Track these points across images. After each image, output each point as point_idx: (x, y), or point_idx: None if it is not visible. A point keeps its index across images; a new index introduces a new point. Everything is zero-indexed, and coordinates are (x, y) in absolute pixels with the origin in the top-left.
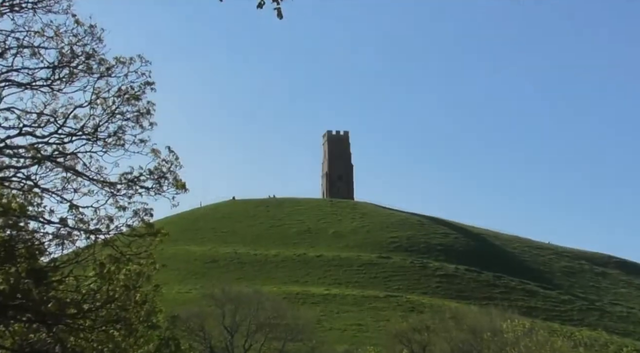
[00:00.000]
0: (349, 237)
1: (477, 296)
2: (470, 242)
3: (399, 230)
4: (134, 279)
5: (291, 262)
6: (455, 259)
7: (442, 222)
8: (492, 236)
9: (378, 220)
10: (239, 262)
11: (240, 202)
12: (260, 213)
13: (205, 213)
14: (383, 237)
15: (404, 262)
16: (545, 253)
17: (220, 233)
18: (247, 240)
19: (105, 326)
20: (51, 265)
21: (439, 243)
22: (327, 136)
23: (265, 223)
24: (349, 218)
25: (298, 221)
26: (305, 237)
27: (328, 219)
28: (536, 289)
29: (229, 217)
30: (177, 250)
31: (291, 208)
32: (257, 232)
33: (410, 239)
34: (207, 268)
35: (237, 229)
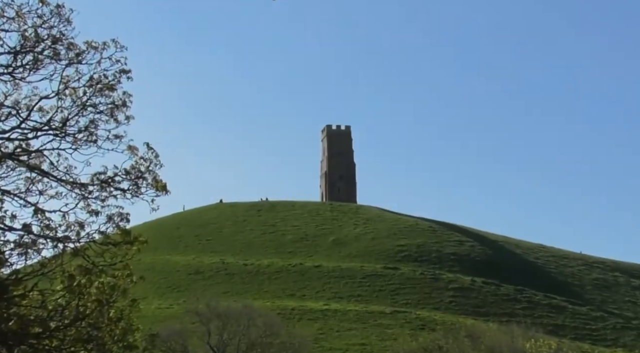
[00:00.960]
0: (351, 245)
1: (496, 312)
2: (488, 250)
3: (408, 237)
4: (108, 293)
5: (286, 273)
6: (471, 270)
7: (456, 228)
8: (512, 244)
9: (384, 226)
10: (226, 273)
11: (228, 206)
12: (251, 218)
13: (189, 219)
14: (390, 245)
15: (413, 273)
16: (574, 263)
17: (206, 241)
18: (236, 249)
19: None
20: (13, 277)
21: (452, 252)
22: (326, 131)
23: (257, 229)
24: (351, 224)
25: (294, 227)
26: (301, 245)
27: (327, 225)
28: (564, 304)
29: (215, 223)
30: (157, 260)
31: (286, 213)
32: (248, 240)
33: (420, 248)
34: (191, 281)
35: (225, 236)
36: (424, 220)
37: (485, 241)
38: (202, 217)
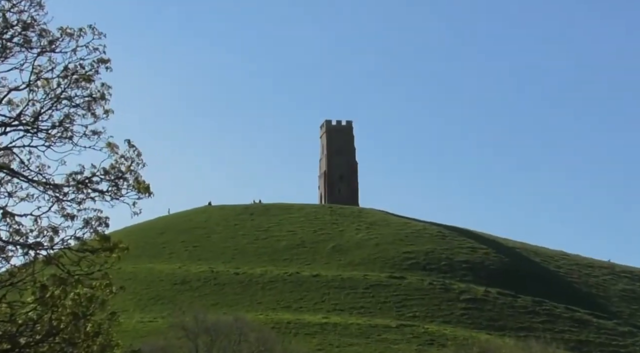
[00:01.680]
0: (352, 252)
1: (512, 326)
2: (503, 258)
3: (415, 243)
4: (85, 306)
5: (281, 283)
6: (485, 280)
7: (468, 233)
8: (531, 251)
9: (389, 231)
10: (216, 283)
11: (217, 209)
12: (242, 222)
13: (175, 223)
14: (395, 252)
15: (421, 283)
16: (600, 272)
17: (193, 248)
18: (226, 256)
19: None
20: None
21: (464, 260)
22: (325, 127)
23: (249, 234)
24: (352, 229)
25: (289, 232)
26: (298, 252)
27: (327, 230)
28: (587, 318)
29: (203, 228)
30: (139, 268)
31: (281, 217)
32: (239, 246)
33: (428, 255)
34: (177, 291)
35: (214, 242)
36: (432, 225)
37: (500, 248)
38: (189, 222)
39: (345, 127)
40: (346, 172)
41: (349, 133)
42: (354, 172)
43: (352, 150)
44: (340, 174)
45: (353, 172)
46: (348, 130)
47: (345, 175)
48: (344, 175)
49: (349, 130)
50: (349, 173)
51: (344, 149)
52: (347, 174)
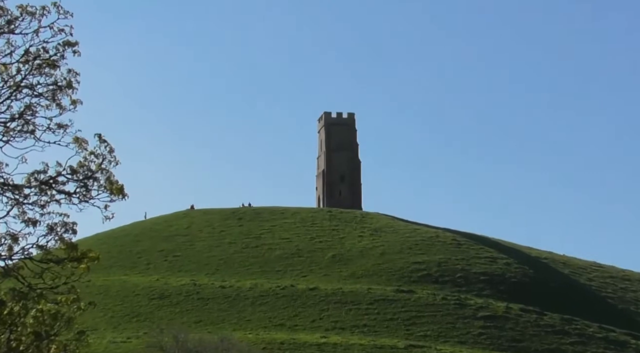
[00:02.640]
0: (355, 262)
1: (537, 347)
2: (527, 270)
3: (426, 252)
4: (48, 324)
5: (273, 297)
6: (506, 294)
7: (486, 241)
8: (559, 262)
9: (396, 239)
10: (199, 297)
11: (201, 213)
12: (229, 228)
13: (152, 229)
14: (403, 262)
15: (433, 298)
16: (638, 287)
17: (173, 258)
18: (210, 267)
19: None
20: None
21: (482, 271)
22: (324, 120)
23: (237, 242)
24: (354, 236)
25: (283, 240)
26: (293, 262)
27: (325, 237)
28: (624, 338)
29: (185, 235)
30: (111, 281)
31: (273, 222)
32: (225, 256)
33: (441, 266)
34: (154, 307)
35: (197, 251)
36: (446, 232)
37: (523, 258)
38: (169, 228)
39: (346, 120)
40: (347, 171)
41: (350, 127)
42: (356, 171)
43: (355, 147)
44: (341, 174)
45: (355, 172)
46: (350, 124)
47: (346, 174)
48: (345, 174)
49: (350, 124)
50: (351, 172)
51: (345, 145)
52: (349, 174)
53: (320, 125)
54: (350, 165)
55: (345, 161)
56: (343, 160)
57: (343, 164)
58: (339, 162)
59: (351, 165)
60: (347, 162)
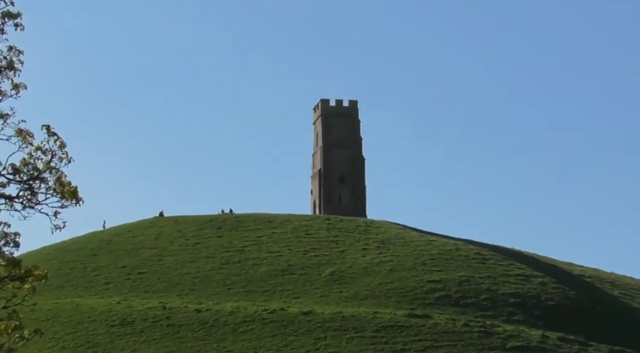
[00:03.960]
0: (358, 280)
1: None
2: (567, 291)
3: (444, 269)
4: None
5: (259, 323)
6: (541, 320)
7: (517, 255)
8: (607, 281)
9: (408, 252)
10: (169, 324)
11: (172, 222)
12: (206, 240)
13: (113, 242)
14: (416, 280)
15: (452, 324)
16: None
17: (138, 276)
18: (183, 287)
19: None
20: None
21: (512, 292)
22: (320, 109)
23: (216, 257)
24: (357, 249)
25: (271, 254)
26: (283, 280)
27: (322, 250)
28: None
29: (152, 247)
30: (62, 304)
31: (260, 232)
32: (201, 273)
33: (463, 285)
34: (114, 336)
35: (167, 268)
36: (468, 244)
37: (563, 276)
38: (133, 239)
39: (347, 109)
40: (349, 171)
41: (353, 117)
42: (359, 171)
43: (358, 142)
44: (341, 174)
45: (358, 172)
46: (352, 114)
47: (347, 175)
48: (346, 175)
49: (353, 114)
50: (353, 172)
51: (346, 140)
52: (350, 174)
53: (316, 116)
54: (352, 163)
55: (346, 159)
56: (343, 158)
57: (343, 162)
58: (338, 159)
59: (353, 163)
60: (348, 160)
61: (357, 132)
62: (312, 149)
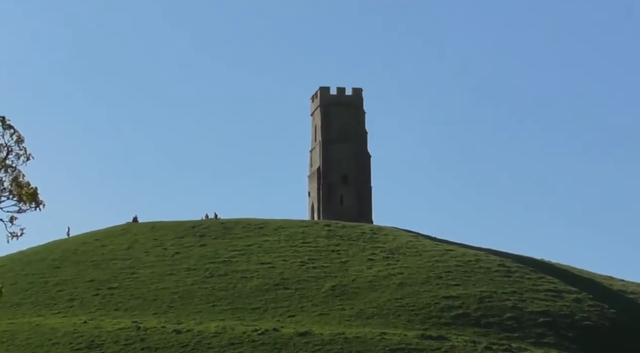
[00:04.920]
0: (363, 296)
1: None
2: (606, 309)
3: (463, 283)
4: None
5: (249, 346)
6: (576, 343)
7: (548, 267)
8: None
9: (420, 264)
10: (144, 347)
11: (147, 229)
12: (187, 249)
13: (79, 252)
14: (431, 296)
15: (472, 347)
16: None
17: (108, 291)
18: (161, 304)
19: None
20: None
21: (542, 310)
22: (319, 98)
23: (197, 269)
24: (362, 259)
25: (262, 265)
26: (277, 296)
27: (322, 261)
28: None
29: (124, 258)
30: (20, 324)
31: (249, 241)
32: (182, 288)
33: (484, 302)
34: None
35: (141, 282)
36: (489, 254)
37: (601, 292)
38: (102, 249)
39: (351, 98)
40: (352, 169)
41: (357, 108)
42: (364, 169)
43: (363, 135)
44: (343, 173)
45: (363, 170)
46: (356, 104)
47: (350, 174)
48: (349, 174)
49: (357, 104)
50: (357, 171)
51: (350, 134)
52: (354, 173)
53: (314, 106)
54: (356, 160)
55: (349, 155)
56: (346, 154)
57: (346, 159)
58: (340, 156)
59: (357, 161)
60: (351, 157)
61: (361, 125)
62: (309, 144)
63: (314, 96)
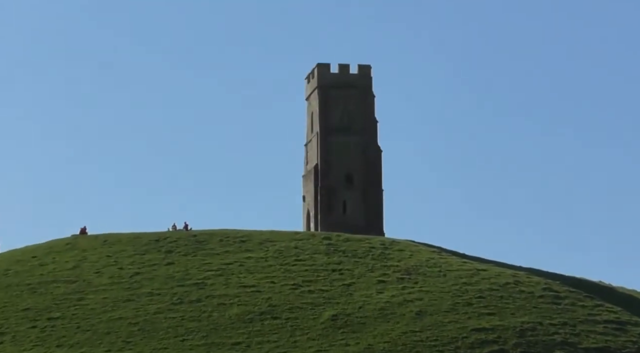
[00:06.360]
0: (371, 327)
1: None
2: None
3: (498, 311)
4: None
5: None
6: None
7: (606, 292)
8: None
9: (444, 287)
10: None
11: (99, 243)
12: (150, 269)
13: (11, 273)
14: (457, 329)
15: None
16: None
17: (48, 322)
18: (115, 339)
19: None
20: None
21: (601, 346)
22: (317, 77)
23: (164, 293)
24: (371, 281)
25: (245, 289)
26: (263, 328)
27: (320, 284)
28: None
29: (70, 281)
30: None
31: (228, 257)
32: (143, 317)
33: (525, 336)
34: None
35: (91, 310)
36: (532, 274)
37: None
38: (41, 269)
39: (356, 78)
40: (359, 167)
41: (364, 90)
42: (373, 167)
43: (372, 125)
44: (347, 172)
45: (372, 169)
46: (363, 85)
47: (356, 174)
48: (355, 174)
49: (364, 85)
50: (365, 170)
51: (355, 123)
52: (361, 172)
53: (310, 88)
54: (363, 156)
55: (354, 150)
56: (350, 149)
57: (350, 155)
58: (343, 151)
59: (365, 157)
60: (357, 152)
61: (370, 112)
62: (304, 136)
63: (310, 75)
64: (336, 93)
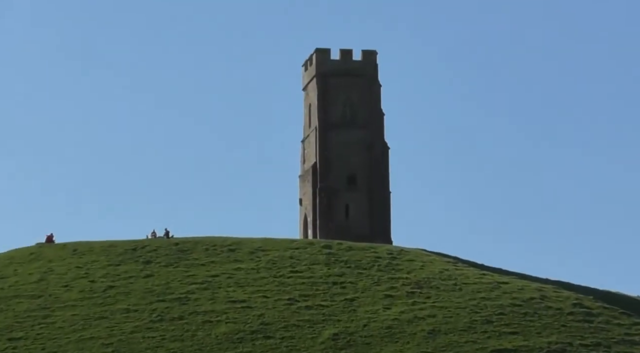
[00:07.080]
0: (377, 348)
1: None
2: None
3: (522, 330)
4: None
5: None
6: None
7: None
8: None
9: (460, 302)
10: None
11: (68, 252)
12: (126, 282)
13: None
14: (476, 349)
15: None
16: None
17: (9, 343)
18: None
19: None
20: None
21: None
22: (315, 64)
23: (142, 309)
24: (377, 297)
25: (234, 304)
26: (254, 348)
27: (319, 299)
28: None
29: (34, 296)
30: None
31: (215, 268)
32: (118, 336)
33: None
34: None
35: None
36: (560, 288)
37: None
38: (1, 282)
39: (360, 65)
40: (363, 167)
41: (369, 79)
42: (379, 167)
43: (377, 119)
44: (350, 173)
45: (378, 169)
46: (367, 73)
47: (360, 174)
48: (358, 174)
49: (369, 73)
50: (369, 170)
51: (358, 116)
52: (365, 173)
53: (308, 76)
54: (367, 155)
55: (357, 147)
56: (354, 146)
57: (354, 152)
58: (344, 149)
59: (370, 154)
60: (361, 150)
61: (375, 104)
62: (301, 131)
63: (308, 62)
64: (337, 82)
